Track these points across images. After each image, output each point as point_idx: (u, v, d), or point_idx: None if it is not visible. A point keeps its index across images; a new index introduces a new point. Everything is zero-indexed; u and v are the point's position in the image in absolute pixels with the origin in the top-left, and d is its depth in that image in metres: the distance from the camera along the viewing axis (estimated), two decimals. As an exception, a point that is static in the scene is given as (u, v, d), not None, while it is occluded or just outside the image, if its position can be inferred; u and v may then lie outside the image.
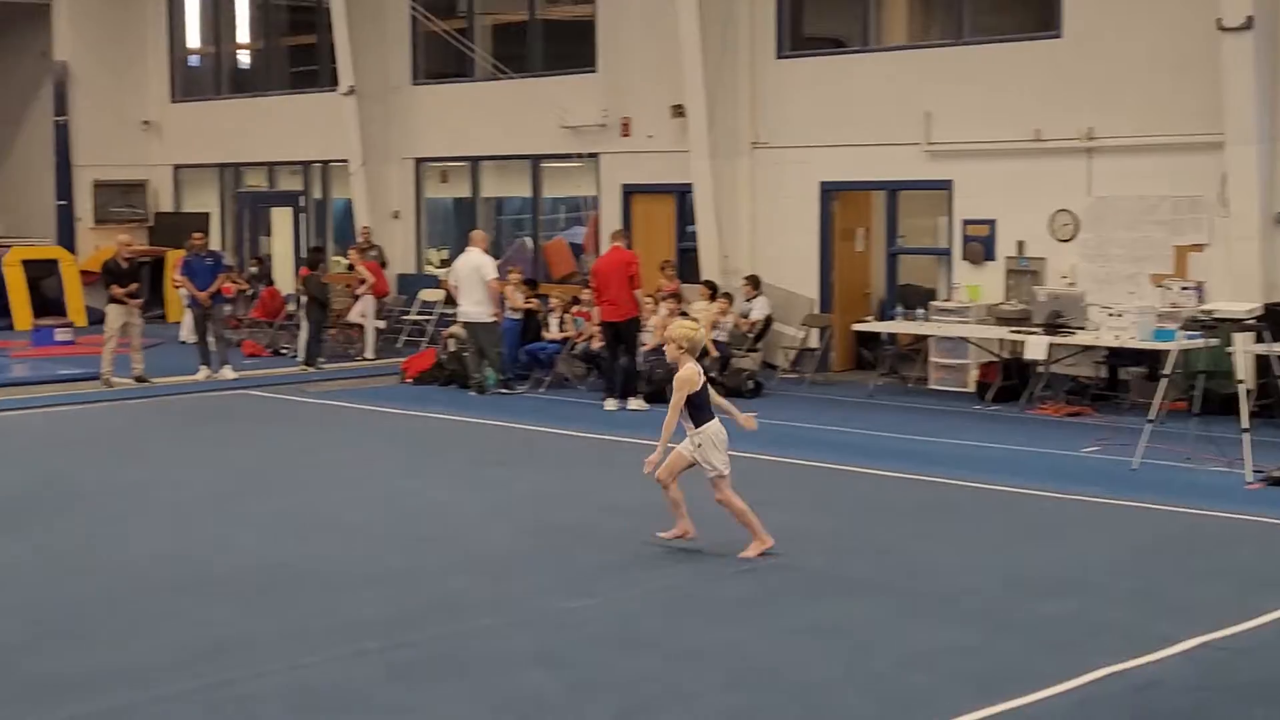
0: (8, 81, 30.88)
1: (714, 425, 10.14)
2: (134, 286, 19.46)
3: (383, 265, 24.32)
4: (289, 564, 10.11)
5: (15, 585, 9.63)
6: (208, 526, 11.30)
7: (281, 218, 28.34)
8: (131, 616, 8.89)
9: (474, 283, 18.41)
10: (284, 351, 22.70)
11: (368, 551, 10.44)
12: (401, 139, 25.38)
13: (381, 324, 23.14)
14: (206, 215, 28.63)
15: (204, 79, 30.07)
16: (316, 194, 27.68)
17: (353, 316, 22.85)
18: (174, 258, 24.75)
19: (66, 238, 28.76)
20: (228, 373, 19.93)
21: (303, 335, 21.36)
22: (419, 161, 25.53)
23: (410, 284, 24.94)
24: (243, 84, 29.43)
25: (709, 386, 10.21)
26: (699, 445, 10.08)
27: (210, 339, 20.19)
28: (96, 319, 23.91)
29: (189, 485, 12.90)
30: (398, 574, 9.82)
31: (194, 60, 30.45)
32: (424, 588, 9.50)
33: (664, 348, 10.66)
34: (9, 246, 27.55)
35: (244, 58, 30.09)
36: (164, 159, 29.75)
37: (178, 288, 22.60)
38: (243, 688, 7.52)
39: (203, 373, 19.95)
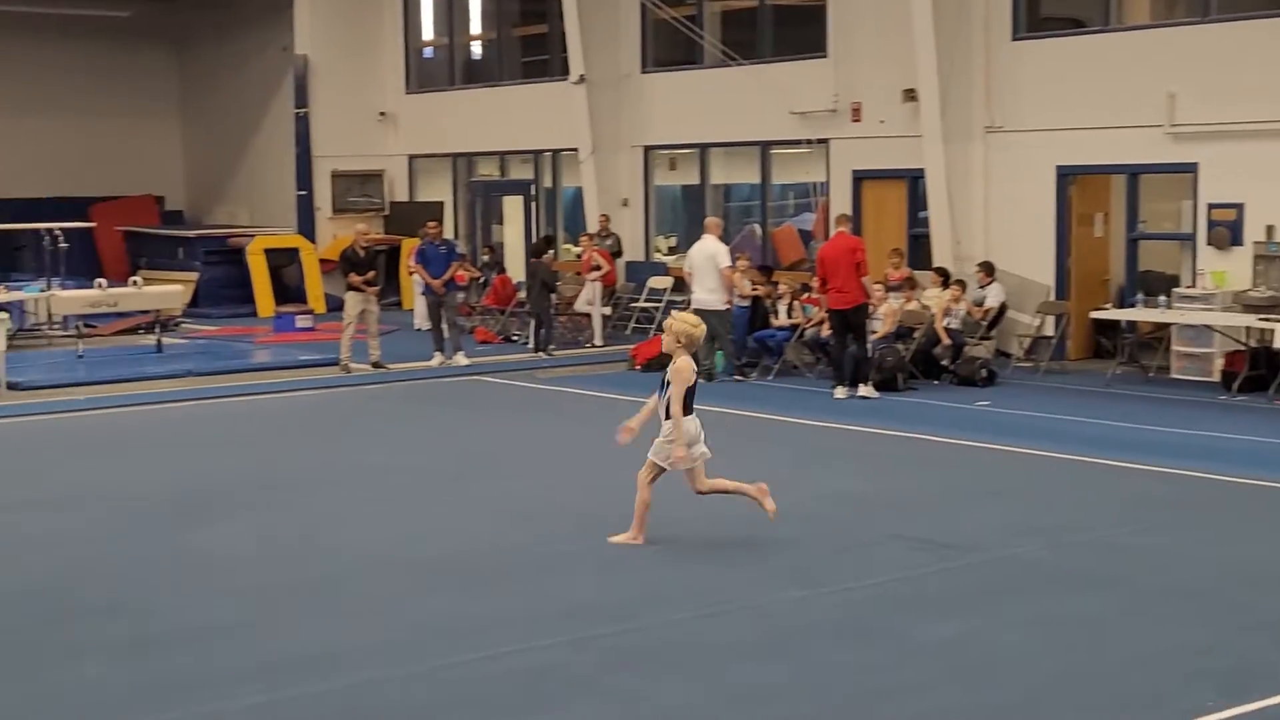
0: (252, 76, 31.85)
1: (690, 422, 9.99)
2: (371, 274, 19.85)
3: (617, 254, 24.44)
4: (518, 548, 10.18)
5: (255, 564, 9.87)
6: (439, 510, 11.46)
7: (513, 206, 28.68)
8: (366, 597, 9.05)
9: (708, 270, 18.38)
10: (515, 338, 22.96)
11: (595, 537, 10.44)
12: (631, 127, 25.46)
13: (608, 310, 23.25)
14: (440, 204, 29.10)
15: (438, 70, 30.58)
16: (547, 182, 27.94)
17: (579, 304, 23.01)
18: (409, 246, 25.21)
19: (306, 227, 29.50)
20: (461, 359, 20.20)
21: (535, 322, 21.60)
22: (648, 149, 25.58)
23: (639, 271, 25.02)
24: (475, 75, 29.85)
25: (694, 387, 10.11)
26: (668, 436, 9.99)
27: (444, 326, 20.49)
28: (335, 306, 24.56)
29: (422, 469, 13.11)
30: (624, 560, 9.81)
31: (428, 52, 30.97)
32: (649, 574, 9.47)
33: (662, 337, 10.53)
34: (253, 236, 28.40)
35: (476, 49, 30.53)
36: (399, 149, 30.33)
37: (412, 275, 23.02)
38: (471, 670, 7.60)
39: (436, 359, 20.26)
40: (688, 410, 10.05)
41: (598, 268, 22.82)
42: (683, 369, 10.02)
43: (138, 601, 8.99)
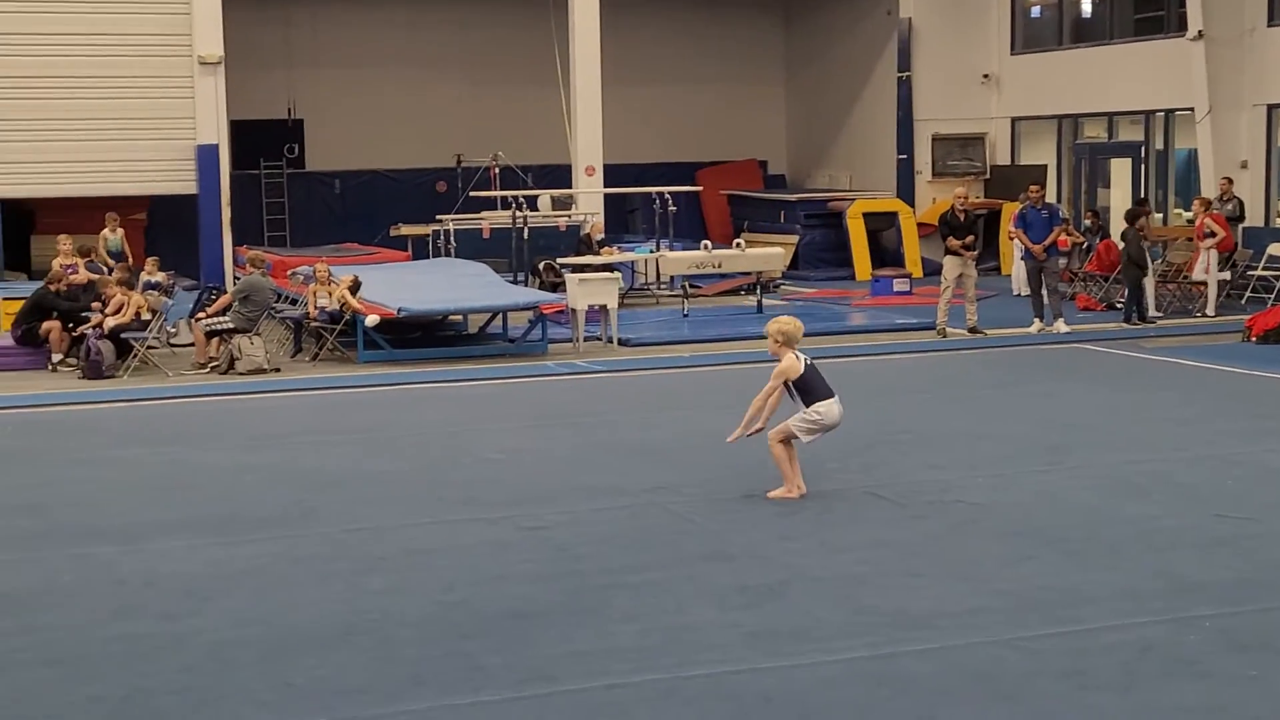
0: (855, 41, 32.05)
1: (823, 405, 10.18)
2: (969, 238, 19.60)
3: (1237, 219, 23.08)
4: (1117, 520, 9.75)
5: (865, 522, 9.87)
6: (1035, 478, 11.12)
7: (1120, 169, 27.64)
8: (960, 561, 8.89)
9: None
10: (1119, 306, 22.09)
11: (1200, 514, 9.87)
12: (1253, 84, 23.92)
13: (1225, 277, 22.01)
14: (1043, 167, 28.41)
15: (1045, 30, 29.79)
16: (1158, 144, 26.72)
17: (1195, 272, 21.87)
18: (1009, 210, 24.76)
19: (906, 191, 29.49)
20: (1061, 326, 19.62)
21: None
22: (1271, 108, 23.99)
23: (1258, 237, 23.51)
24: (1084, 33, 28.86)
25: (816, 373, 10.30)
26: (805, 416, 10.19)
27: (1044, 292, 19.95)
28: (932, 270, 24.39)
29: (1016, 437, 12.76)
30: (1234, 539, 9.20)
31: (1035, 11, 30.25)
32: (1261, 556, 8.84)
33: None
34: (852, 199, 28.64)
35: (1086, 6, 29.52)
36: (1002, 111, 29.77)
37: (1012, 239, 22.60)
38: (1067, 641, 7.35)
39: (1035, 326, 19.77)
40: (820, 396, 10.22)
41: (1212, 234, 21.62)
42: (782, 369, 10.22)
43: (745, 550, 9.17)
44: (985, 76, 29.77)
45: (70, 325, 18.12)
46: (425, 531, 9.78)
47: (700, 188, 29.55)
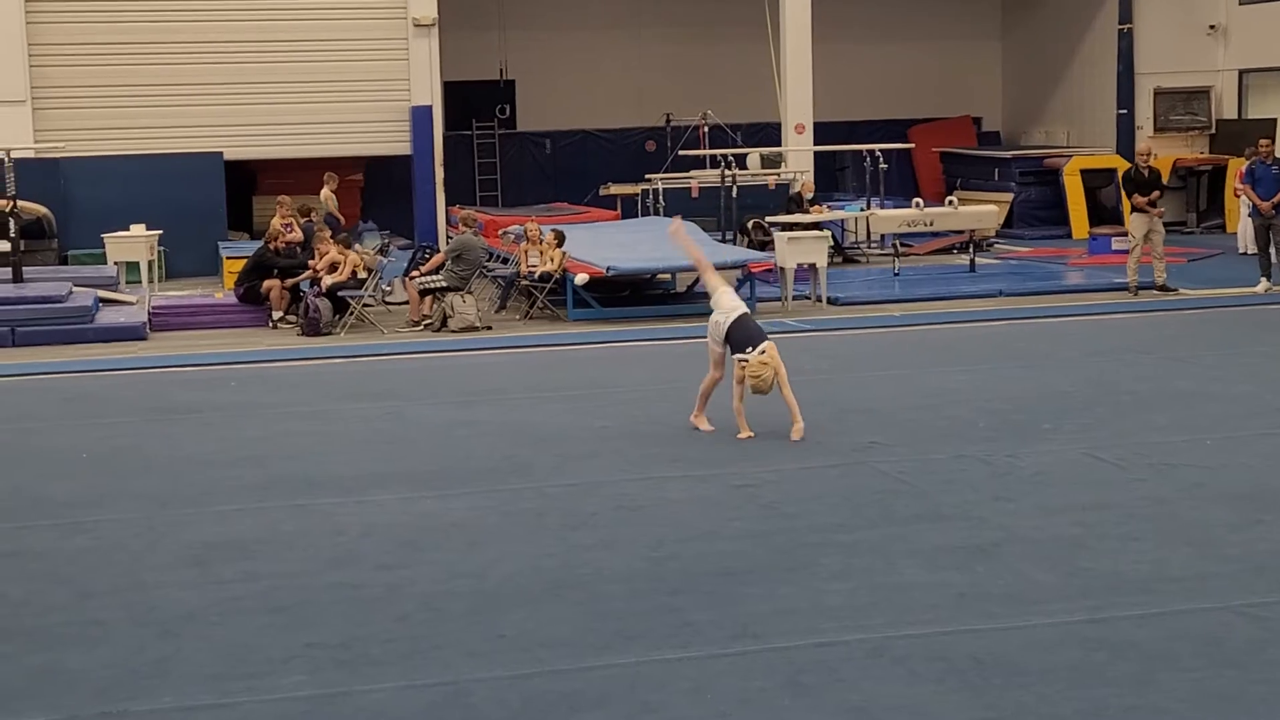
0: (1076, -8, 31.27)
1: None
2: (1155, 195, 19.10)
3: None
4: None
5: (1068, 484, 9.64)
6: (1262, 442, 10.74)
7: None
8: (1184, 525, 8.63)
9: None
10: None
11: None
12: None
13: None
14: (1273, 121, 27.33)
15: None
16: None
17: None
18: (1234, 166, 23.97)
19: (1125, 146, 28.62)
20: (1288, 284, 18.97)
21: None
22: None
23: None
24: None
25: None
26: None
27: (1271, 250, 19.25)
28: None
29: (1242, 398, 12.34)
30: None
31: (1265, -41, 29.12)
32: None
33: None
34: (1069, 156, 27.95)
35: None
36: (1229, 64, 28.72)
37: (1238, 196, 21.87)
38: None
39: (1262, 285, 19.07)
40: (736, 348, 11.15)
41: None
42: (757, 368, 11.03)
43: (957, 510, 9.04)
44: (1212, 27, 28.74)
45: (286, 281, 18.62)
46: (635, 488, 9.81)
47: (912, 145, 29.10)
